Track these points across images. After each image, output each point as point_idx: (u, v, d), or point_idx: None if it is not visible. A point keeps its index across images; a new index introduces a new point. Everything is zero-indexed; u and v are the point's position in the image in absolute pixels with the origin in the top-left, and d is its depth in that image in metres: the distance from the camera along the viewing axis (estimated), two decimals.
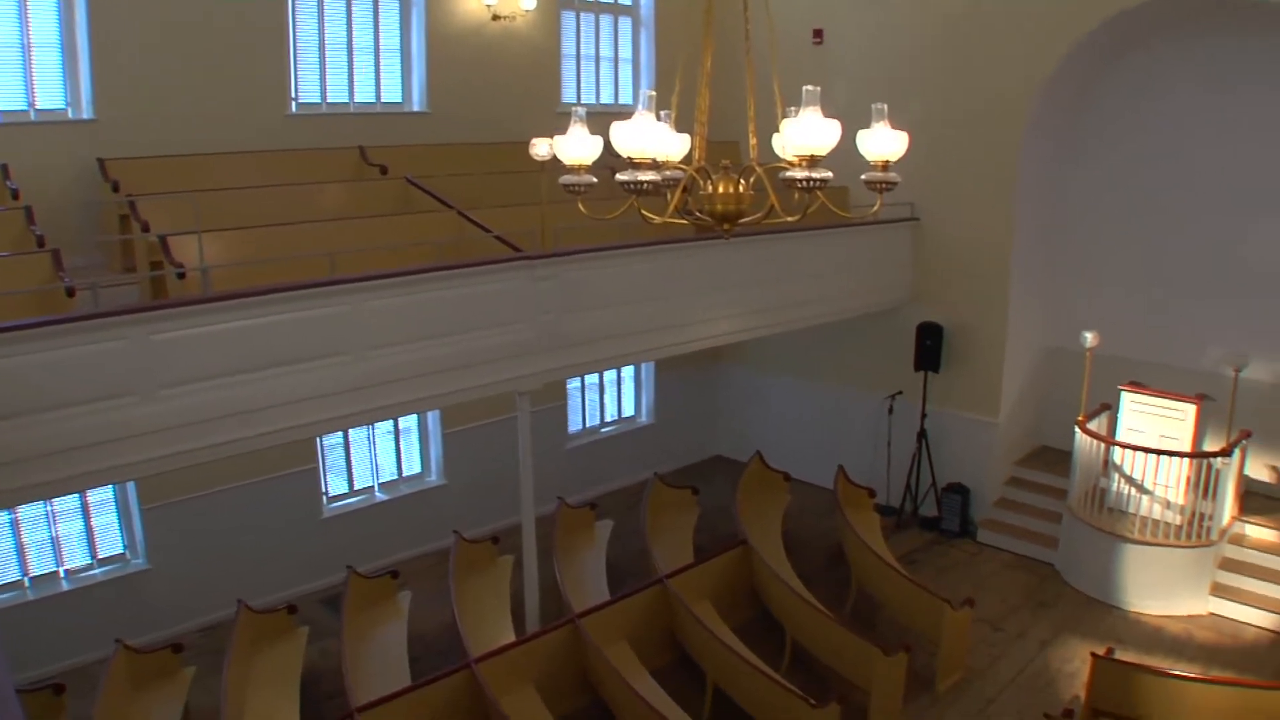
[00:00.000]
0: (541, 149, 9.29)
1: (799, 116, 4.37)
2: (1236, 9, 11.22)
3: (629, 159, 4.58)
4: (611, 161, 4.69)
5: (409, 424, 13.13)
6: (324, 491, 12.31)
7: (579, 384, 15.01)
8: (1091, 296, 13.57)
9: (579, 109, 4.97)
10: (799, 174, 4.46)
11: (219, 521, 11.19)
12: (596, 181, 5.04)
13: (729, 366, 16.49)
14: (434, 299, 8.70)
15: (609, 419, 15.77)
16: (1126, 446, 11.78)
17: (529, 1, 13.04)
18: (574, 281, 9.71)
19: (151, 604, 10.83)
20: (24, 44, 9.72)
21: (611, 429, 15.71)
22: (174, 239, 8.37)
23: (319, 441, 12.01)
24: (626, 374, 15.86)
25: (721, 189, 5.02)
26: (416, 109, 12.60)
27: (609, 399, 15.71)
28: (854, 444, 14.60)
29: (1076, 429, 12.06)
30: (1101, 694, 8.96)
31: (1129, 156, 12.96)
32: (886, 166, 4.86)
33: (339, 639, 9.56)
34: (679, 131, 5.21)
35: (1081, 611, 11.51)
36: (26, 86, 9.82)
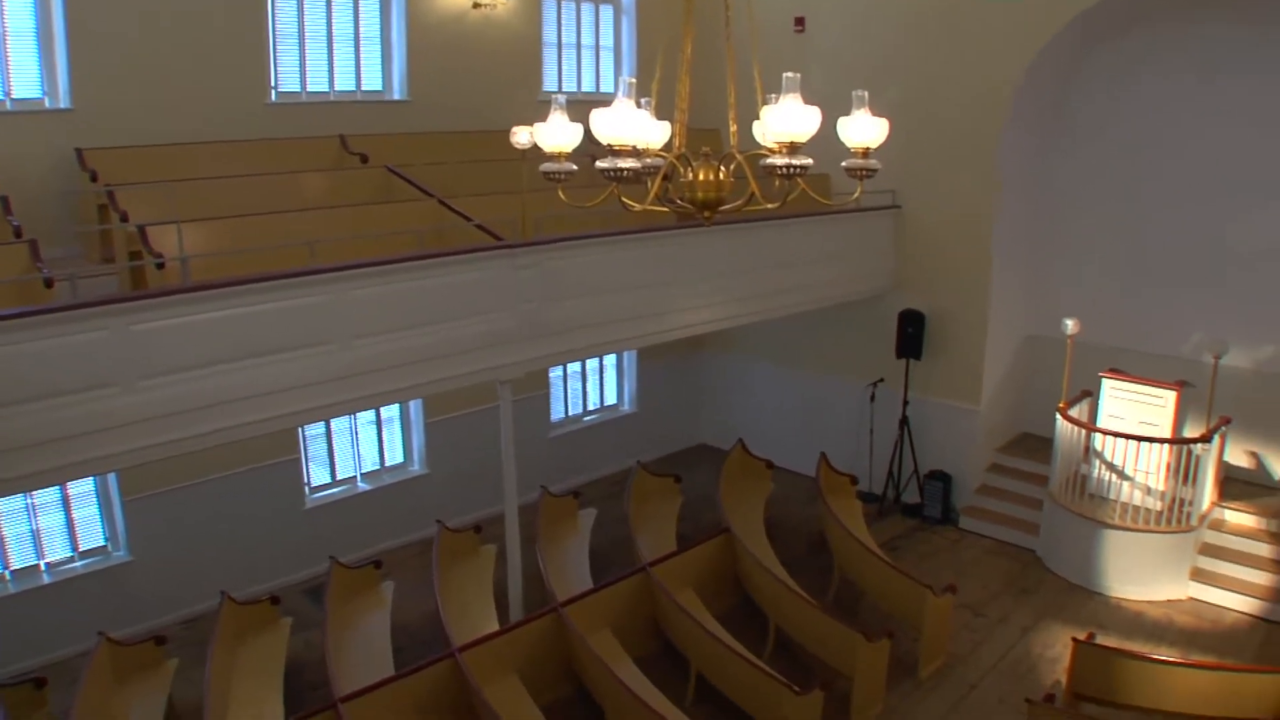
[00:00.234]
0: (522, 137, 9.28)
1: (779, 103, 4.37)
2: None
3: (609, 146, 4.57)
4: (593, 150, 4.67)
5: (391, 413, 13.10)
6: (306, 482, 12.27)
7: (561, 373, 15.00)
8: (1072, 284, 13.62)
9: (559, 96, 4.96)
10: (779, 161, 4.46)
11: (201, 513, 11.15)
12: (576, 169, 5.03)
13: (711, 355, 16.49)
14: (415, 288, 8.66)
15: (591, 408, 15.77)
16: (1107, 433, 11.84)
17: None
18: (555, 270, 9.68)
19: (134, 596, 10.79)
20: None
21: (594, 418, 15.71)
22: (153, 229, 8.31)
23: (301, 432, 11.98)
24: (609, 363, 15.85)
25: (702, 176, 5.02)
26: (397, 97, 12.54)
27: (591, 388, 15.70)
28: (836, 431, 14.63)
29: (1058, 416, 12.10)
30: (1083, 679, 9.02)
31: (1110, 144, 13.00)
32: (867, 153, 4.86)
33: (322, 629, 9.54)
34: (659, 119, 5.20)
35: (1063, 597, 11.57)
36: (2, 75, 9.72)
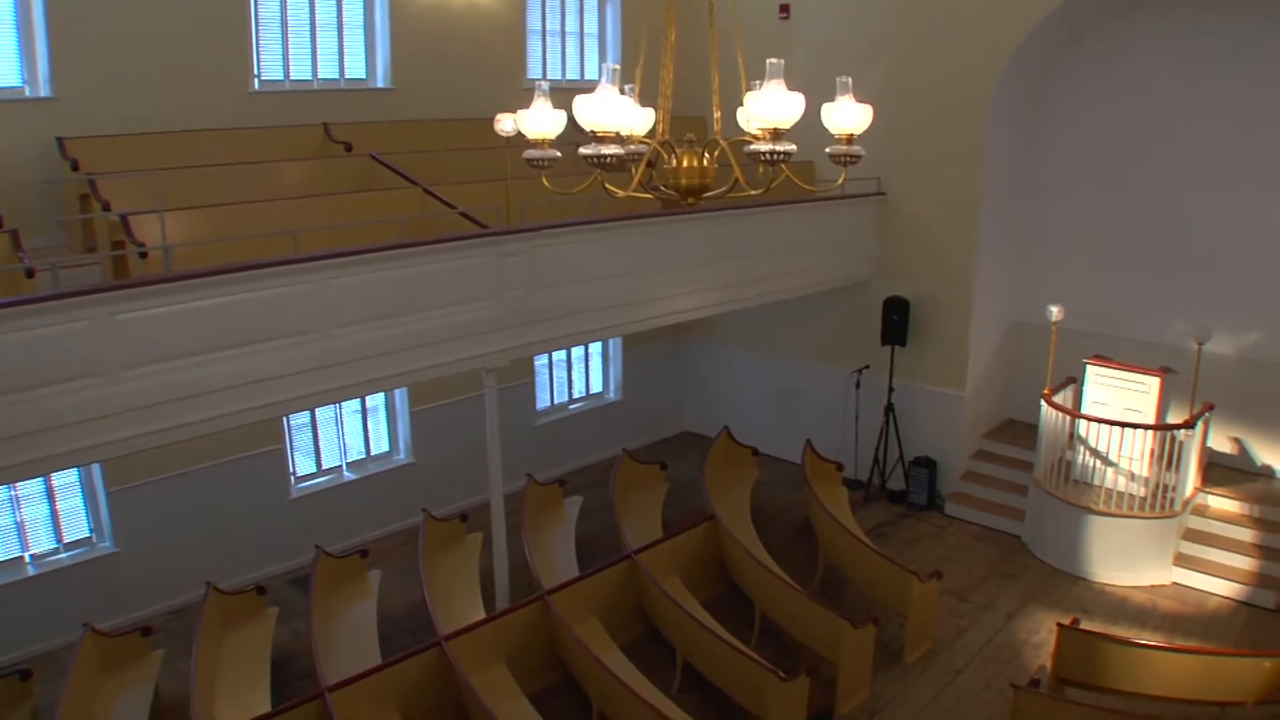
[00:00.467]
0: (506, 125, 9.27)
1: (763, 89, 4.37)
2: None
3: (593, 133, 4.57)
4: (578, 137, 4.67)
5: (376, 403, 13.08)
6: (292, 471, 12.24)
7: (547, 361, 14.97)
8: (1057, 270, 13.66)
9: (543, 83, 4.95)
10: (763, 147, 4.46)
11: (186, 503, 11.11)
12: (560, 156, 5.02)
13: (697, 342, 16.50)
14: (399, 276, 8.63)
15: (577, 396, 15.76)
16: (1092, 419, 11.88)
17: None
18: (540, 258, 9.65)
19: (119, 587, 10.75)
20: None
21: (580, 406, 15.70)
22: (135, 218, 8.26)
23: (286, 421, 11.94)
24: (594, 350, 15.85)
25: (686, 163, 5.02)
26: (381, 86, 12.48)
27: (577, 376, 15.69)
28: (822, 418, 14.65)
29: (1042, 402, 12.14)
30: (1067, 664, 9.07)
31: (1095, 131, 13.03)
32: (851, 140, 4.86)
33: (309, 619, 9.53)
34: (644, 106, 5.19)
35: (1047, 583, 11.62)
36: None
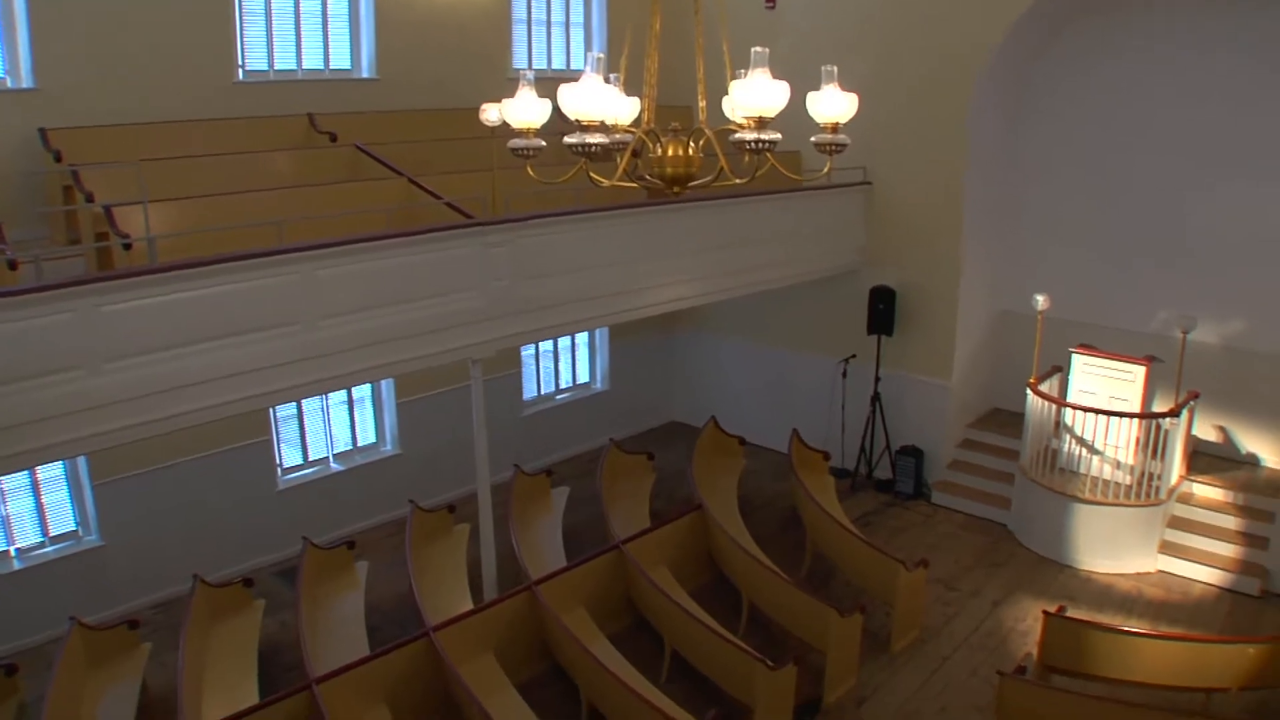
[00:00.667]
0: (491, 114, 9.25)
1: (748, 78, 4.37)
2: None
3: (577, 122, 4.56)
4: (563, 127, 4.66)
5: (363, 394, 13.04)
6: (278, 463, 12.20)
7: (534, 352, 14.96)
8: (1043, 260, 13.70)
9: (527, 73, 4.96)
10: (748, 136, 4.47)
11: (172, 496, 11.07)
12: (545, 145, 5.01)
13: (683, 332, 16.50)
14: (385, 267, 8.61)
15: (564, 386, 15.75)
16: (1077, 408, 11.92)
17: None
18: (526, 248, 9.64)
19: (106, 581, 10.71)
20: None
21: (567, 396, 15.69)
22: (119, 209, 8.21)
23: (272, 413, 11.91)
24: (581, 341, 15.84)
25: (671, 151, 5.01)
26: (365, 75, 12.41)
27: (563, 366, 15.68)
28: (808, 408, 14.68)
29: (1028, 391, 12.18)
30: (1054, 651, 9.12)
31: (1079, 122, 13.05)
32: (836, 129, 4.87)
33: (296, 611, 9.52)
34: (629, 95, 5.18)
35: (1034, 571, 11.67)
36: None
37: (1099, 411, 11.68)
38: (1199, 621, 10.51)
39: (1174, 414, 11.44)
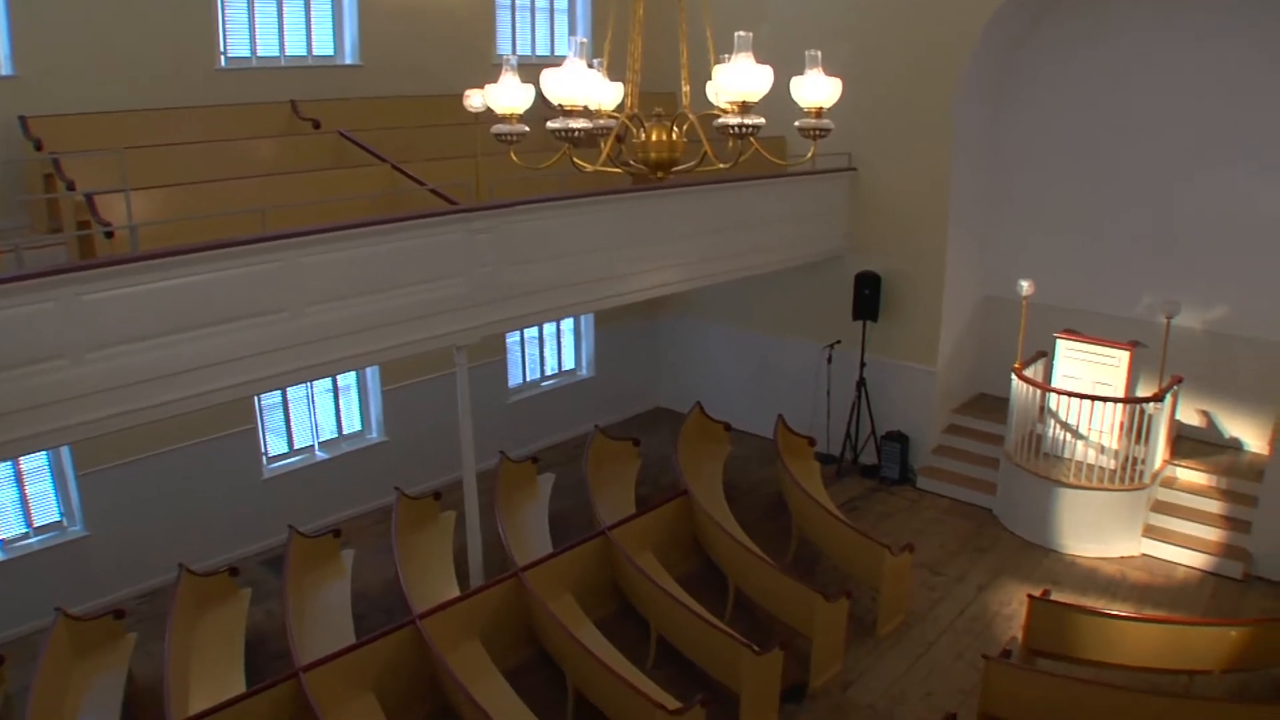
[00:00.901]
0: (475, 100, 9.23)
1: (731, 62, 4.36)
2: None
3: (560, 107, 4.55)
4: (549, 113, 4.65)
5: (348, 381, 13.01)
6: (264, 452, 12.15)
7: (519, 338, 14.94)
8: (1027, 246, 13.72)
9: (510, 58, 4.94)
10: (732, 120, 4.46)
11: (157, 485, 11.03)
12: (528, 131, 5.00)
13: (668, 318, 16.49)
14: (369, 254, 8.58)
15: (549, 373, 15.73)
16: (1062, 393, 11.96)
17: None
18: (510, 234, 9.61)
19: (91, 571, 10.67)
20: None
21: (552, 383, 15.68)
22: (101, 197, 8.16)
23: (257, 401, 11.86)
24: (566, 327, 15.81)
25: (655, 136, 5.01)
26: (349, 62, 12.36)
27: (549, 353, 15.66)
28: (794, 393, 14.71)
29: (1013, 376, 12.21)
30: (1038, 634, 9.17)
31: (1064, 108, 13.06)
32: (820, 113, 4.86)
33: (282, 599, 9.50)
34: (612, 80, 5.17)
35: (1019, 555, 11.72)
36: None
37: (1083, 396, 11.72)
38: (1182, 604, 10.57)
39: (1158, 399, 11.48)
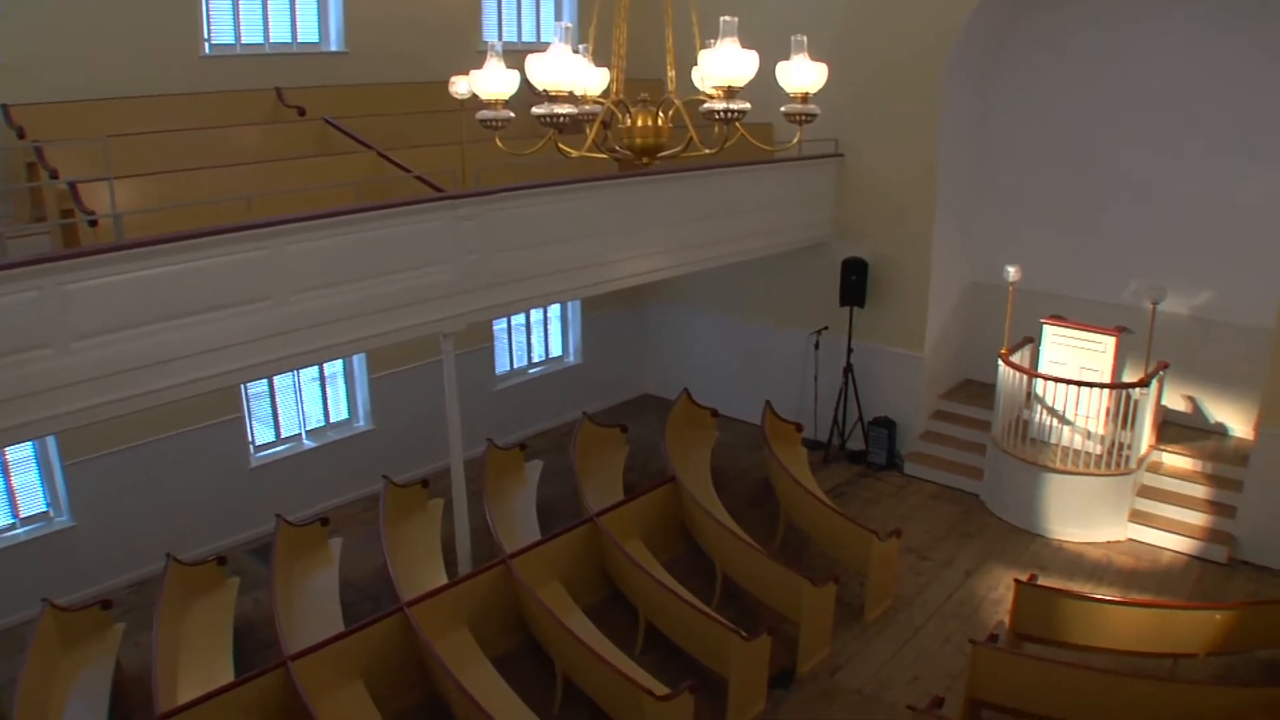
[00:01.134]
0: (461, 87, 9.19)
1: (717, 47, 4.35)
2: None
3: (545, 92, 4.54)
4: (534, 99, 4.64)
5: (335, 370, 12.98)
6: (251, 441, 12.12)
7: (506, 325, 14.92)
8: (1014, 232, 13.75)
9: (495, 43, 4.93)
10: (717, 105, 4.46)
11: (144, 475, 11.00)
12: (513, 117, 4.98)
13: (655, 305, 16.48)
14: (355, 241, 8.54)
15: (536, 360, 15.71)
16: (1048, 378, 11.99)
17: None
18: (497, 221, 9.58)
19: (78, 562, 10.63)
20: None
21: (539, 370, 15.66)
22: (84, 186, 8.11)
23: (244, 390, 11.81)
24: (553, 314, 15.79)
25: (640, 122, 5.00)
26: (334, 49, 12.30)
27: (536, 340, 15.64)
28: (781, 380, 14.72)
29: (999, 362, 12.24)
30: (1025, 619, 9.21)
31: (1051, 94, 13.07)
32: (806, 99, 4.85)
33: (270, 588, 9.49)
34: (598, 66, 5.16)
35: (1005, 540, 11.76)
36: None
37: (1069, 382, 11.75)
38: (1167, 589, 10.63)
39: (1144, 384, 11.52)
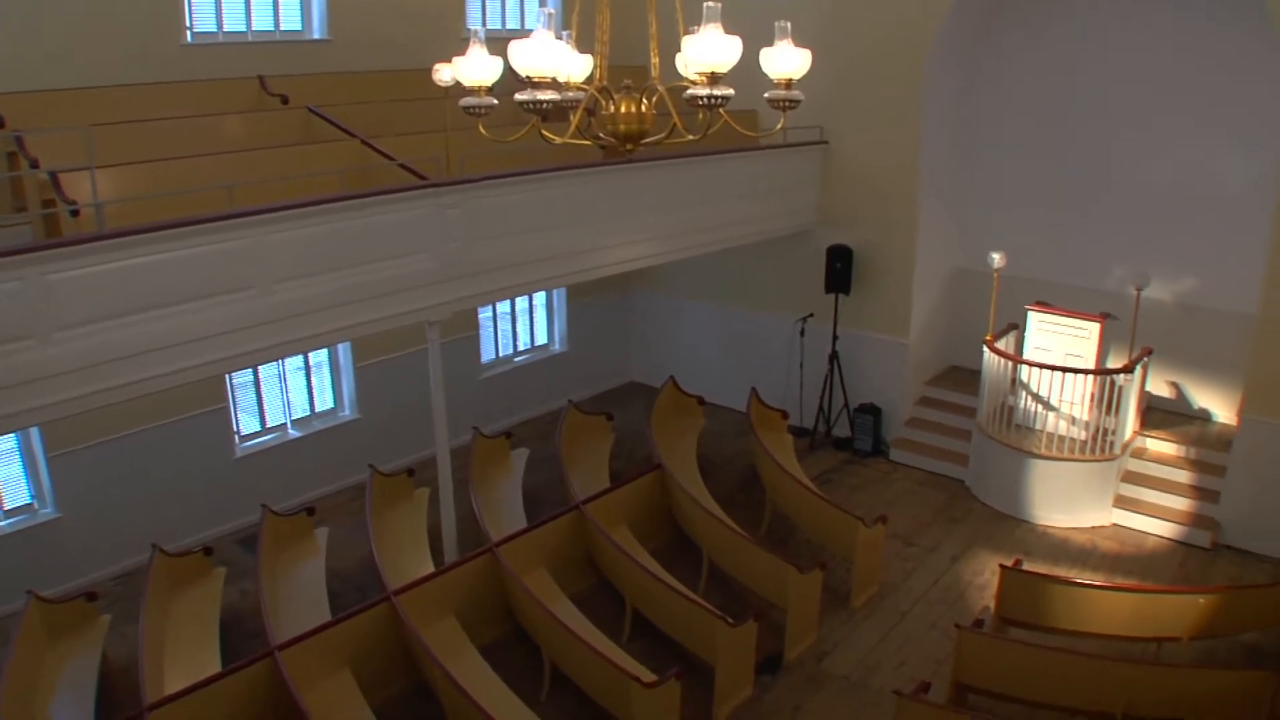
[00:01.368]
0: (444, 74, 9.17)
1: (700, 33, 4.34)
2: None
3: (528, 79, 4.52)
4: (518, 87, 4.62)
5: (320, 359, 12.93)
6: (236, 431, 12.09)
7: (491, 314, 14.90)
8: (999, 218, 13.78)
9: (479, 30, 4.91)
10: (701, 91, 4.44)
11: (129, 466, 10.96)
12: (496, 104, 4.97)
13: (641, 293, 16.48)
14: (339, 229, 8.50)
15: (522, 348, 15.69)
16: (1033, 365, 12.04)
17: None
18: (481, 208, 9.55)
19: (63, 553, 10.59)
20: None
21: (525, 358, 15.64)
22: (65, 175, 8.06)
23: (229, 380, 11.77)
24: (539, 302, 15.77)
25: (624, 109, 4.99)
26: (317, 37, 12.25)
27: (521, 328, 15.62)
28: (767, 367, 14.73)
29: (985, 348, 12.27)
30: (1010, 604, 9.24)
31: (1035, 81, 13.09)
32: (790, 84, 4.84)
33: (256, 578, 9.47)
34: (581, 52, 5.14)
35: (991, 526, 11.81)
36: None
37: (1054, 368, 11.79)
38: (1152, 573, 10.69)
39: (1128, 370, 11.57)
